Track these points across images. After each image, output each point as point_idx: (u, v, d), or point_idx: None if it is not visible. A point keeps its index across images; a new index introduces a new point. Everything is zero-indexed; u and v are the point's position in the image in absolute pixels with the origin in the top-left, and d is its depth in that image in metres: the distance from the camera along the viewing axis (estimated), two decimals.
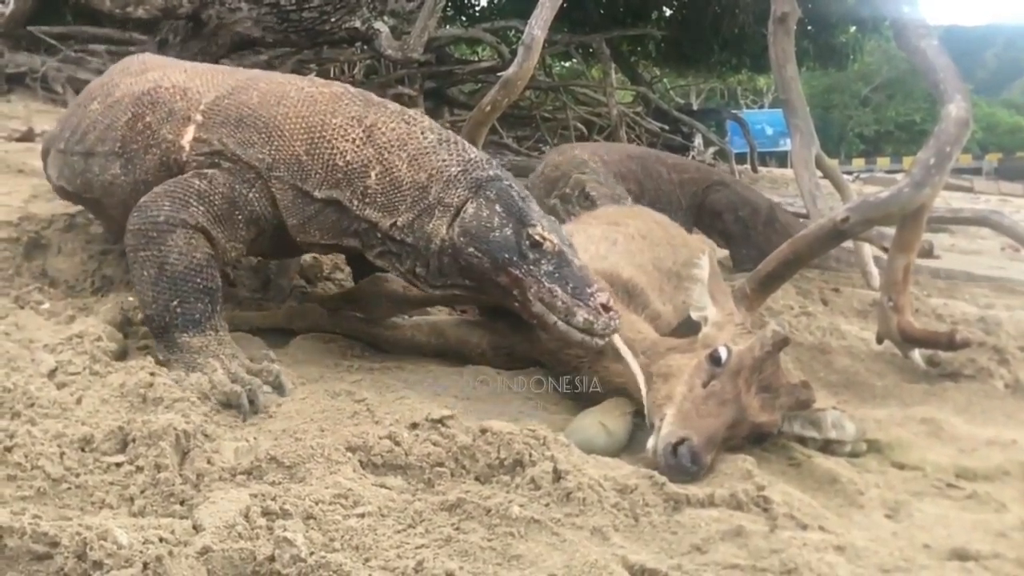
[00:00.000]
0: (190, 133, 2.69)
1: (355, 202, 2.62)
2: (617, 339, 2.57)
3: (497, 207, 2.56)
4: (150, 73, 2.95)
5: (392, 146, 2.63)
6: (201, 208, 2.53)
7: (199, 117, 2.71)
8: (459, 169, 2.62)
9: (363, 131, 2.65)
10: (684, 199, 5.66)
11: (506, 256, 2.52)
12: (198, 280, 2.49)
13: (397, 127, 2.66)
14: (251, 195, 2.62)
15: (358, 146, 2.63)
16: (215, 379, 2.32)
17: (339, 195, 2.62)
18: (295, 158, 2.63)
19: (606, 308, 2.50)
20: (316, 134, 2.64)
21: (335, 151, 2.62)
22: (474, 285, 2.63)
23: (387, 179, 2.61)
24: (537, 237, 2.53)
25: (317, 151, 2.63)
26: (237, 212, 2.60)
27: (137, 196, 2.65)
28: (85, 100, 3.09)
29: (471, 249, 2.54)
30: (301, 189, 2.63)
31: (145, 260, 2.48)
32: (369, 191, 2.61)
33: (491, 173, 2.64)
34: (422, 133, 2.67)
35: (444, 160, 2.62)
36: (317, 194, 2.62)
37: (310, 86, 2.79)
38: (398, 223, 2.59)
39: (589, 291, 2.51)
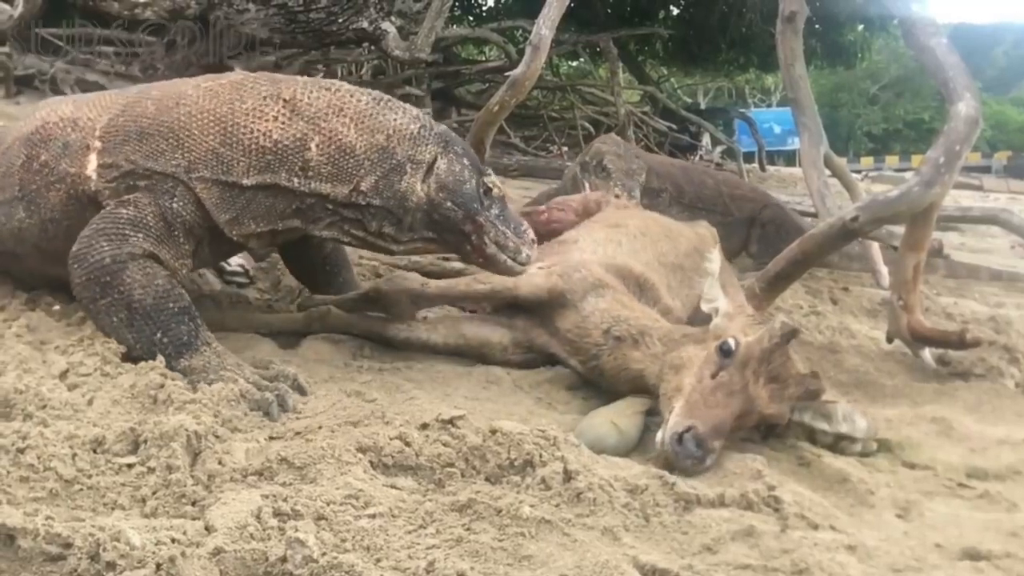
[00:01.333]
0: (93, 161, 2.58)
1: (295, 180, 2.56)
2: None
3: (465, 160, 2.71)
4: (38, 112, 2.84)
5: (327, 114, 2.59)
6: (140, 235, 2.44)
7: (97, 143, 2.59)
8: (419, 125, 2.68)
9: (284, 107, 2.58)
10: (738, 213, 5.76)
11: (474, 206, 2.68)
12: (171, 305, 2.43)
13: (321, 95, 2.63)
14: (175, 205, 2.51)
15: (283, 123, 2.56)
16: (241, 388, 2.29)
17: (273, 178, 2.54)
18: (211, 153, 2.53)
19: (534, 241, 2.84)
20: (228, 123, 2.55)
21: (256, 134, 2.54)
22: (433, 236, 2.73)
23: (332, 147, 2.57)
24: (489, 184, 2.74)
25: (234, 140, 2.54)
26: (174, 229, 2.51)
27: (46, 237, 2.63)
28: None
29: (448, 204, 2.66)
30: (227, 182, 2.53)
31: (109, 307, 2.41)
32: (311, 164, 2.56)
33: (444, 127, 2.79)
34: (351, 96, 2.66)
35: (398, 119, 2.66)
36: (246, 182, 2.53)
37: (206, 81, 2.71)
38: (361, 187, 2.59)
39: (523, 228, 2.81)
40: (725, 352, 2.44)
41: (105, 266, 2.40)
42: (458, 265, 3.71)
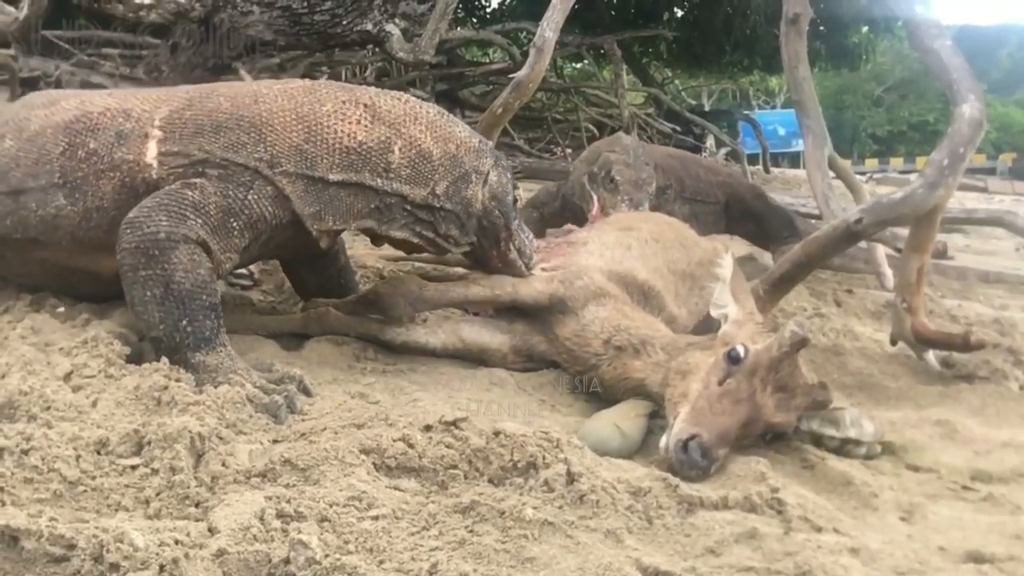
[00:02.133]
0: (153, 149, 2.62)
1: (378, 180, 2.71)
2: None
3: (508, 174, 3.00)
4: (64, 103, 2.83)
5: (405, 121, 2.77)
6: (199, 220, 2.48)
7: (157, 132, 2.64)
8: (478, 139, 2.95)
9: (365, 111, 2.73)
10: (723, 198, 5.81)
11: (511, 214, 2.98)
12: (204, 297, 2.45)
13: (396, 104, 2.81)
14: (250, 197, 2.57)
15: (367, 126, 2.71)
16: (248, 392, 2.30)
17: (357, 176, 2.69)
18: (295, 149, 2.63)
19: (537, 246, 3.19)
20: (311, 122, 2.66)
21: (340, 134, 2.67)
22: (475, 241, 2.97)
23: (413, 152, 2.75)
24: (517, 196, 3.05)
25: (318, 138, 2.65)
26: (232, 220, 2.55)
27: (88, 225, 2.64)
28: None
29: (496, 212, 2.93)
30: (312, 177, 2.64)
31: (147, 280, 2.42)
32: (393, 166, 2.72)
33: (490, 143, 3.06)
34: (421, 107, 2.86)
35: (462, 132, 2.91)
36: (331, 177, 2.66)
37: (276, 84, 2.82)
38: (436, 191, 2.80)
39: (530, 235, 3.13)
40: (733, 359, 2.43)
41: (158, 240, 2.42)
42: (460, 270, 3.71)
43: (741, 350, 2.44)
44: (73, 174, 2.67)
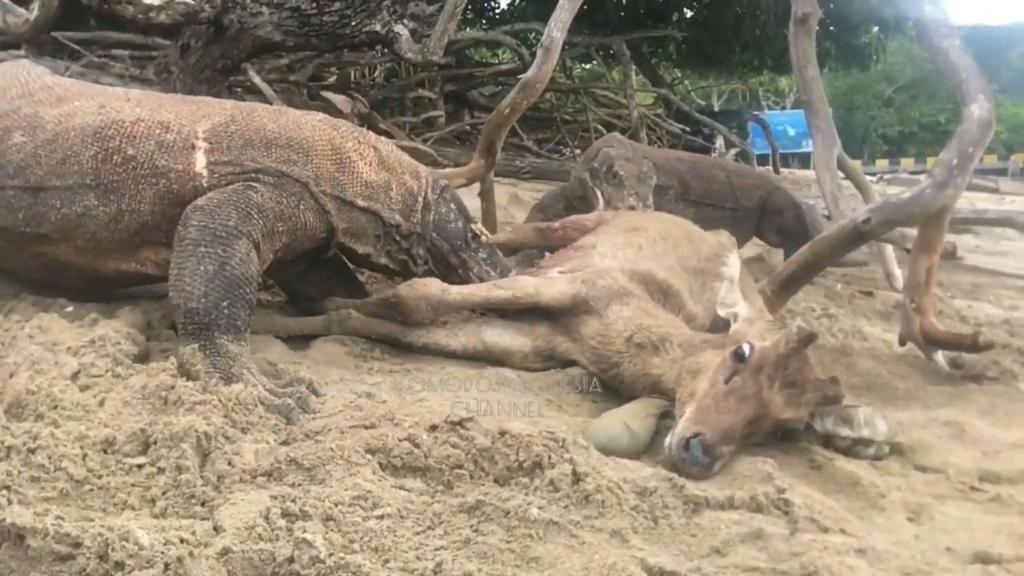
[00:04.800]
0: (201, 160, 2.78)
1: (386, 212, 3.06)
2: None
3: (452, 205, 3.35)
4: (77, 102, 2.87)
5: (397, 168, 3.15)
6: (260, 222, 2.69)
7: (203, 144, 2.80)
8: (435, 177, 3.37)
9: (375, 155, 3.08)
10: (747, 202, 5.81)
11: (458, 243, 3.31)
12: (247, 291, 2.58)
13: (391, 151, 3.20)
14: (300, 206, 2.83)
15: (376, 169, 3.06)
16: (259, 394, 2.33)
17: (373, 205, 3.03)
18: (330, 175, 2.93)
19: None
20: (341, 154, 2.98)
21: (360, 170, 3.01)
22: (427, 264, 3.28)
23: (403, 190, 3.15)
24: (476, 231, 3.39)
25: (346, 169, 2.98)
26: (280, 224, 2.77)
27: (116, 226, 2.76)
28: None
29: (435, 235, 3.27)
30: (343, 199, 2.95)
31: (206, 255, 2.55)
32: (392, 200, 3.10)
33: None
34: (399, 151, 3.26)
35: (422, 170, 3.30)
36: (359, 203, 2.99)
37: (306, 114, 3.11)
38: (414, 220, 3.17)
39: (504, 267, 3.41)
40: (739, 357, 2.43)
41: (228, 226, 2.62)
42: None
43: (746, 348, 2.43)
44: (108, 178, 2.76)
